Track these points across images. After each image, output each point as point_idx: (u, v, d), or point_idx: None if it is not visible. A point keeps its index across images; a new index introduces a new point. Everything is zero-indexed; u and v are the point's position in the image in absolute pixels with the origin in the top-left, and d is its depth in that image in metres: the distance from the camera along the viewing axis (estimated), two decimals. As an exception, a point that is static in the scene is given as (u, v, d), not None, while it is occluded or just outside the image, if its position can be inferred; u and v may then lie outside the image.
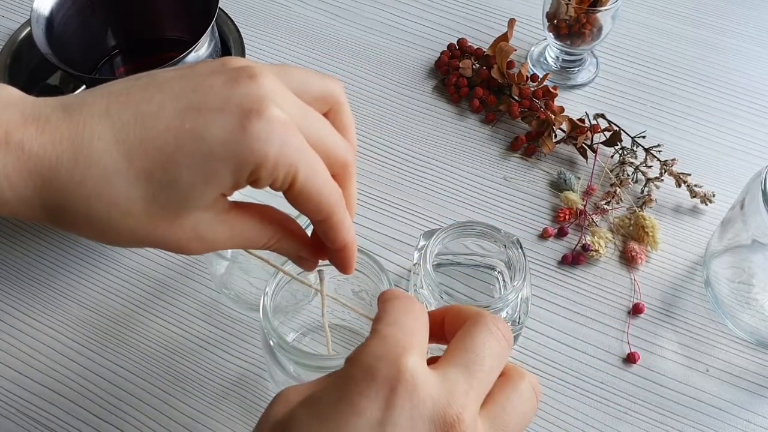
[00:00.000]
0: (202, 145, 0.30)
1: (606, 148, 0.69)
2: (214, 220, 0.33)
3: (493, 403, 0.32)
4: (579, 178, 0.68)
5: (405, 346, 0.30)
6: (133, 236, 0.32)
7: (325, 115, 0.35)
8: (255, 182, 0.32)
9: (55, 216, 0.32)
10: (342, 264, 0.38)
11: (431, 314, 0.35)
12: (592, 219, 0.65)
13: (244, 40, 0.65)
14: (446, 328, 0.35)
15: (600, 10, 0.69)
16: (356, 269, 0.50)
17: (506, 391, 0.33)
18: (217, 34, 0.64)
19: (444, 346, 0.34)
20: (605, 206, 0.65)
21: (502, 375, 0.33)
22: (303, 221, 0.53)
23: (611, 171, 0.68)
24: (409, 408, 0.29)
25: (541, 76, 0.73)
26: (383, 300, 0.34)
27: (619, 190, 0.66)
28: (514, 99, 0.72)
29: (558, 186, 0.68)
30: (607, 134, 0.69)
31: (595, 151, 0.69)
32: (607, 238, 0.64)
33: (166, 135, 0.30)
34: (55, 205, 0.31)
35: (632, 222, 0.64)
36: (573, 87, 0.75)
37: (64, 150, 0.30)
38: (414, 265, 0.57)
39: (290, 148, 0.31)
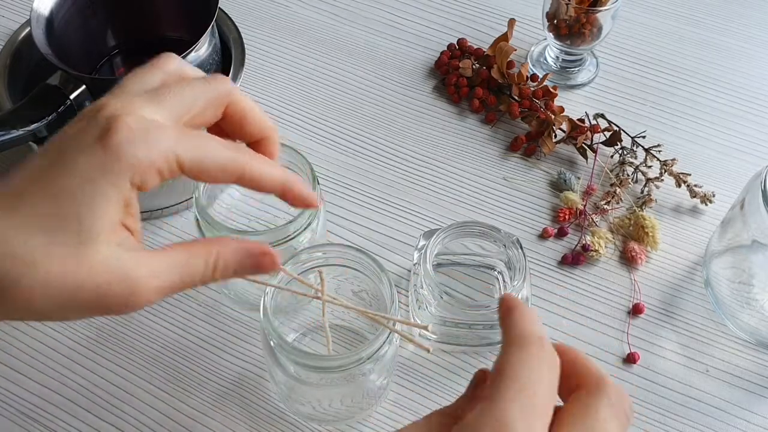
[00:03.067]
0: (76, 176, 0.32)
1: (606, 148, 0.69)
2: (128, 256, 0.33)
3: None
4: (579, 178, 0.68)
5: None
6: (52, 292, 0.32)
7: (225, 112, 0.37)
8: (142, 186, 0.33)
9: None
10: (301, 201, 0.38)
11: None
12: (592, 219, 0.65)
13: (244, 40, 0.65)
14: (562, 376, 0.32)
15: (600, 10, 0.69)
16: (356, 269, 0.51)
17: None
18: (217, 34, 0.64)
19: None
20: (605, 206, 0.65)
21: None
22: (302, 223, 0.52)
23: (611, 171, 0.68)
24: None
25: (541, 76, 0.73)
26: (511, 345, 0.31)
27: (619, 190, 0.66)
28: (514, 99, 0.72)
29: (558, 186, 0.68)
30: (607, 134, 0.69)
31: (595, 151, 0.69)
32: (607, 238, 0.64)
33: (47, 185, 0.32)
34: None
35: (632, 222, 0.64)
36: (573, 87, 0.75)
37: None
38: (414, 265, 0.57)
39: (157, 140, 0.33)
